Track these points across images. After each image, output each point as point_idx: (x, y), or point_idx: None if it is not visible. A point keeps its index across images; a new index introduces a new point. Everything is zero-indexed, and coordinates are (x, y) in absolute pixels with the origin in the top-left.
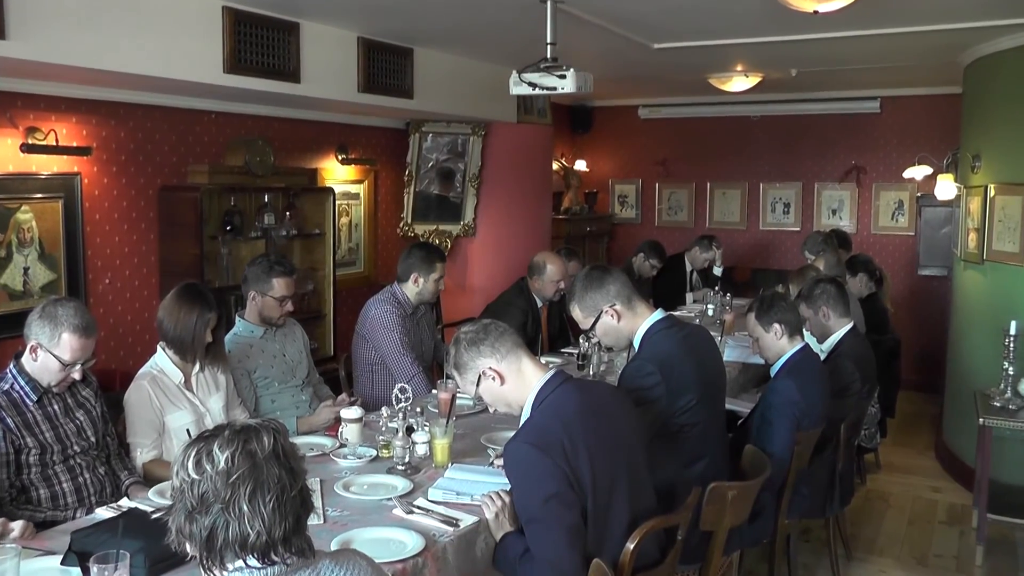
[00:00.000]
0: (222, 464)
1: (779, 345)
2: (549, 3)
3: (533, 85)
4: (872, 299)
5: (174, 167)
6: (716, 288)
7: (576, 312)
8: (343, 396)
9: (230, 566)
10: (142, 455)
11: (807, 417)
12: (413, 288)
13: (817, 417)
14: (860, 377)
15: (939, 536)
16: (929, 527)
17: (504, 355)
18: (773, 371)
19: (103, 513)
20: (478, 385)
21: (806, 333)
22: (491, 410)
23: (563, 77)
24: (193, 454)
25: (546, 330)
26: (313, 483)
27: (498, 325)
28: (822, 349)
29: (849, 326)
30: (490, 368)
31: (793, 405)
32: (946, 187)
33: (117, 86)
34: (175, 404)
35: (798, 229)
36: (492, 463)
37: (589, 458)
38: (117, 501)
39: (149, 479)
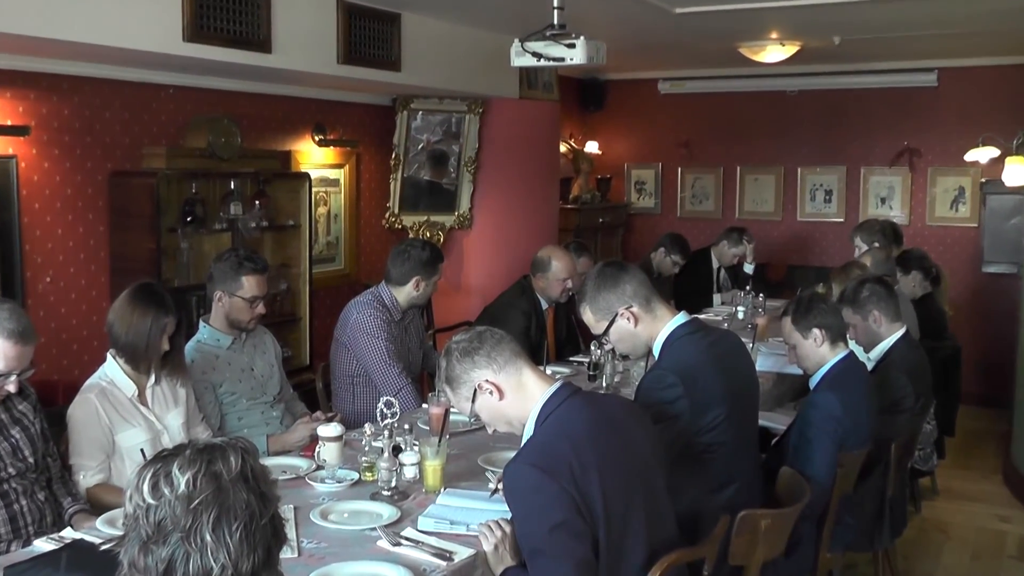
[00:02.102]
0: (182, 488)
1: (819, 353)
2: None
3: (538, 56)
4: (927, 300)
5: (126, 150)
6: (747, 288)
7: (587, 315)
8: (319, 412)
9: None
10: (86, 478)
11: (852, 435)
12: (410, 292)
13: (864, 436)
14: (914, 390)
15: (1008, 573)
16: (996, 563)
17: (502, 366)
18: (813, 383)
19: (42, 545)
20: (474, 401)
21: (850, 341)
22: (489, 430)
23: (572, 47)
24: (149, 476)
25: (552, 336)
26: (286, 510)
27: (494, 332)
28: (869, 358)
29: (901, 332)
30: (487, 381)
31: (836, 422)
32: (1016, 171)
33: (60, 56)
34: (127, 420)
35: (841, 220)
36: (493, 491)
37: (601, 482)
38: (59, 531)
39: (95, 506)
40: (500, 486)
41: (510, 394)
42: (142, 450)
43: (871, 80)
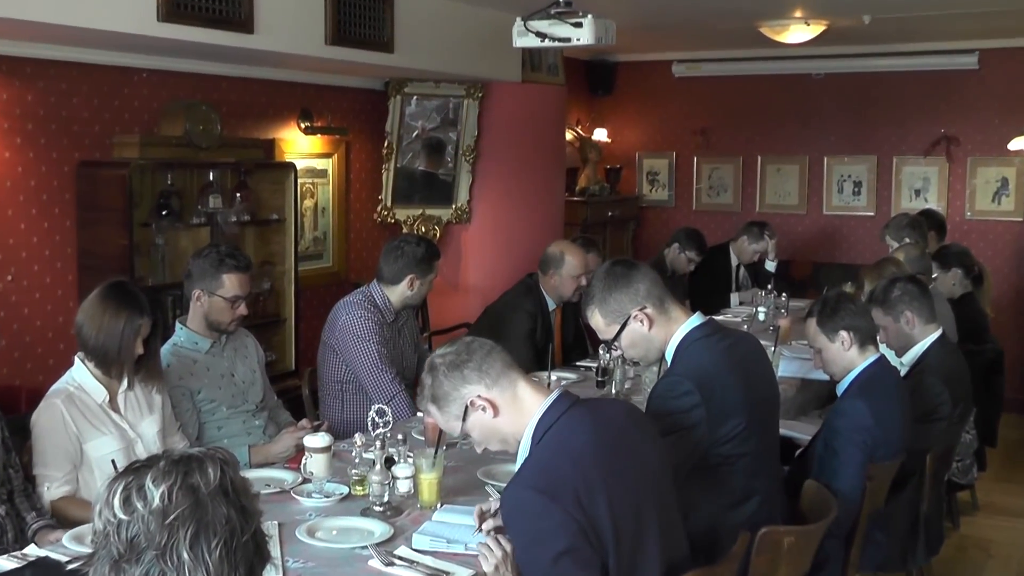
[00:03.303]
0: (157, 501)
1: (847, 357)
2: None
3: (542, 36)
4: (967, 300)
5: (96, 138)
6: (768, 287)
7: (596, 318)
8: (305, 421)
9: None
10: (51, 490)
11: (883, 446)
12: (404, 292)
13: (895, 446)
14: (951, 397)
15: None
16: None
17: (495, 379)
18: (840, 389)
19: (4, 563)
20: (465, 419)
21: (881, 344)
22: (479, 449)
23: (579, 26)
24: (121, 489)
25: (559, 338)
26: (270, 527)
27: (482, 343)
28: (902, 363)
29: (937, 334)
30: (479, 397)
31: (865, 431)
32: None
33: (22, 38)
34: (97, 428)
35: (871, 214)
36: (478, 529)
37: (609, 502)
38: (22, 548)
39: (60, 520)
40: (486, 525)
41: (505, 409)
42: (113, 461)
43: (905, 63)
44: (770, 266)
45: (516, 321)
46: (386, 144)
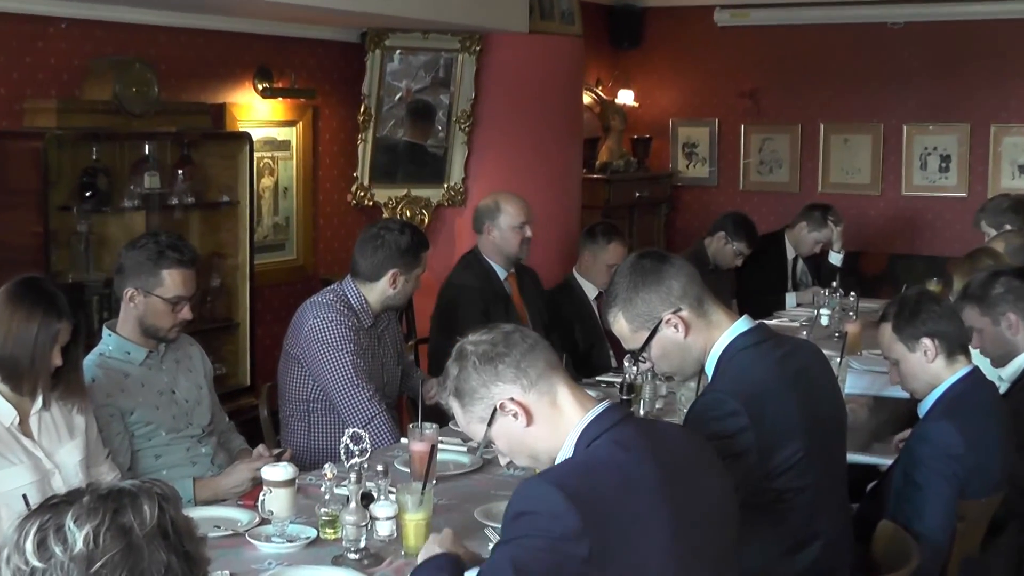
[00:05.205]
0: (80, 546)
1: (931, 370)
2: None
3: None
4: None
5: (2, 103)
6: (833, 284)
7: (620, 323)
8: (263, 448)
9: None
10: None
11: (976, 478)
12: (384, 291)
13: (993, 479)
14: None
15: None
16: None
17: (534, 381)
18: (922, 409)
19: None
20: (490, 425)
21: (974, 352)
22: (503, 461)
23: None
24: (35, 531)
25: (523, 310)
26: None
27: (525, 334)
28: (1001, 377)
29: None
30: (512, 400)
31: (954, 460)
32: None
33: None
34: (4, 457)
35: (963, 195)
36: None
37: (651, 546)
38: None
39: None
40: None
41: (540, 419)
42: (24, 496)
43: (1005, 8)
44: (835, 259)
45: (464, 304)
46: (363, 110)
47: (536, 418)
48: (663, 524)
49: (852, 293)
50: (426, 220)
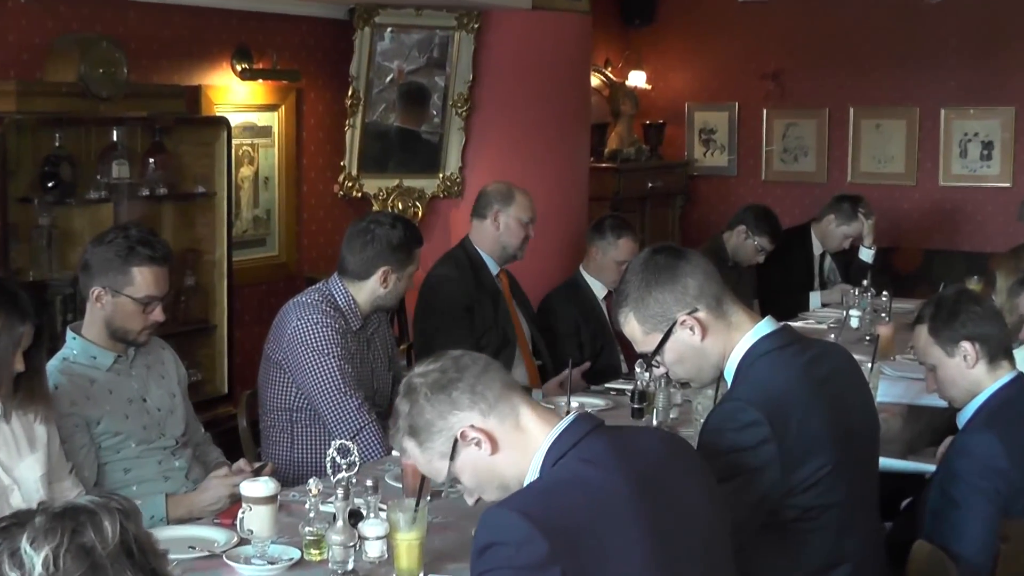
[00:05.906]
0: (39, 569)
1: (971, 377)
2: None
3: None
4: None
5: None
6: (864, 282)
7: (631, 325)
8: (242, 462)
9: None
10: None
11: (1021, 495)
12: (374, 290)
13: None
14: None
15: None
16: None
17: (492, 404)
18: (962, 419)
19: None
20: (453, 459)
21: (1019, 355)
22: (470, 500)
23: None
24: None
25: (514, 310)
26: None
27: (475, 357)
28: None
29: None
30: (472, 427)
31: (996, 475)
32: None
33: None
34: None
35: (1007, 185)
36: None
37: (627, 569)
38: None
39: None
40: None
41: (505, 444)
42: None
43: None
44: (866, 255)
45: (444, 297)
46: (351, 93)
47: (501, 444)
48: (638, 538)
49: (884, 292)
50: (419, 213)
